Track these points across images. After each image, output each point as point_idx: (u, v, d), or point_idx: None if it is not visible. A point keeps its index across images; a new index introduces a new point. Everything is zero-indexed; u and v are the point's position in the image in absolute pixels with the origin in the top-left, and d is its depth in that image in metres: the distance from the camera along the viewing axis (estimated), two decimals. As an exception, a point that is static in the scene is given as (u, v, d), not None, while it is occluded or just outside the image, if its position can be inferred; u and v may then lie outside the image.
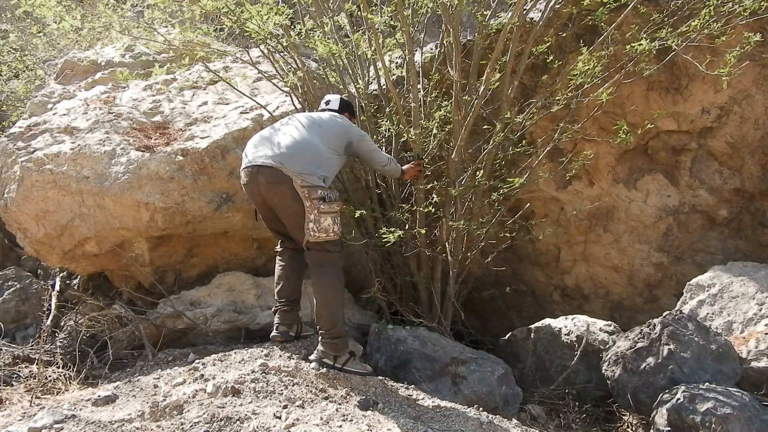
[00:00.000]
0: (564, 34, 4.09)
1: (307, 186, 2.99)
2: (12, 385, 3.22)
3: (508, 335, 4.08)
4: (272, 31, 3.88)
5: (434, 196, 3.89)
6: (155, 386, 2.86)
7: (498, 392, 3.29)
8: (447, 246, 3.88)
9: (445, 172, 4.01)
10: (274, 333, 3.39)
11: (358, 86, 4.17)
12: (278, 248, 3.51)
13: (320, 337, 3.11)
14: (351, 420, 2.57)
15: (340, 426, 2.51)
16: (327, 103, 3.59)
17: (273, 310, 3.48)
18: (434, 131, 3.82)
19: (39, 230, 3.90)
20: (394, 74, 4.28)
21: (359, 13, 4.26)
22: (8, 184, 3.95)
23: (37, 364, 3.42)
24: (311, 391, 2.78)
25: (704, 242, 4.28)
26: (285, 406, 2.62)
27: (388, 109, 4.07)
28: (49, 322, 4.03)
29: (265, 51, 4.13)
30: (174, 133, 4.15)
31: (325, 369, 3.06)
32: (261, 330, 3.86)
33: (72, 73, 4.98)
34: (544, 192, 4.60)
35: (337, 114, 3.45)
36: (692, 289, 3.87)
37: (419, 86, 3.97)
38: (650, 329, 3.37)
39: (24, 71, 7.04)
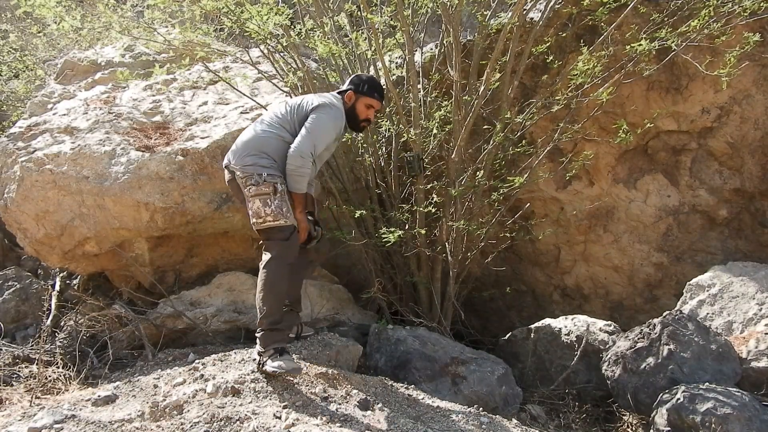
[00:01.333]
0: (564, 34, 4.09)
1: (245, 176, 2.98)
2: (12, 385, 3.22)
3: (508, 335, 4.08)
4: (272, 31, 3.88)
5: (434, 196, 3.89)
6: (155, 386, 2.86)
7: (498, 392, 3.29)
8: (447, 246, 3.88)
9: (445, 172, 4.01)
10: None
11: (358, 86, 4.17)
12: None
13: None
14: (351, 420, 2.57)
15: (340, 426, 2.51)
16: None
17: None
18: (434, 131, 3.82)
19: (39, 230, 3.90)
20: (394, 74, 4.28)
21: (359, 13, 4.26)
22: (8, 184, 3.95)
23: (37, 364, 3.42)
24: (311, 391, 2.78)
25: (704, 242, 4.28)
26: (285, 406, 2.62)
27: (388, 109, 4.07)
28: (49, 322, 4.03)
29: (265, 51, 4.13)
30: (174, 133, 4.15)
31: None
32: (261, 330, 3.86)
33: (72, 73, 4.98)
34: (544, 192, 4.60)
35: (327, 94, 3.26)
36: (692, 289, 3.87)
37: (419, 86, 3.97)
38: (650, 329, 3.37)
39: (24, 71, 7.04)
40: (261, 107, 4.27)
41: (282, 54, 4.18)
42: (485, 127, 4.19)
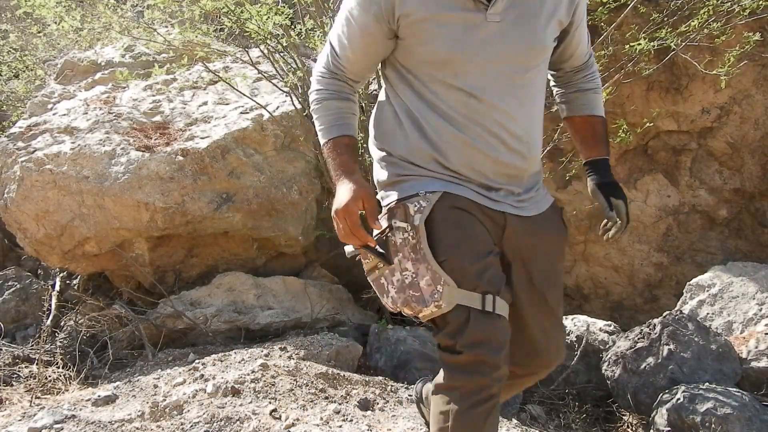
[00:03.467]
0: (564, 34, 4.09)
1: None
2: (12, 385, 3.22)
3: (508, 335, 4.07)
4: (272, 31, 3.88)
5: (434, 196, 3.88)
6: (155, 386, 2.87)
7: (498, 392, 3.29)
8: (447, 246, 3.86)
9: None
10: None
11: (358, 86, 4.17)
12: None
13: None
14: (351, 420, 2.57)
15: (340, 426, 2.51)
16: None
17: None
18: (434, 131, 3.81)
19: (39, 230, 3.90)
20: (394, 74, 4.27)
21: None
22: (8, 184, 3.95)
23: (37, 364, 3.42)
24: (311, 391, 2.78)
25: (704, 242, 4.28)
26: (285, 407, 2.62)
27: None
28: (49, 322, 4.03)
29: (265, 51, 4.13)
30: (174, 133, 4.15)
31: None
32: (261, 330, 3.86)
33: (72, 73, 4.98)
34: (544, 192, 4.59)
35: None
36: (692, 289, 3.87)
37: (419, 86, 3.96)
38: (650, 329, 3.37)
39: (24, 71, 7.03)
40: (261, 107, 4.27)
41: (282, 54, 4.18)
42: (485, 127, 4.18)
